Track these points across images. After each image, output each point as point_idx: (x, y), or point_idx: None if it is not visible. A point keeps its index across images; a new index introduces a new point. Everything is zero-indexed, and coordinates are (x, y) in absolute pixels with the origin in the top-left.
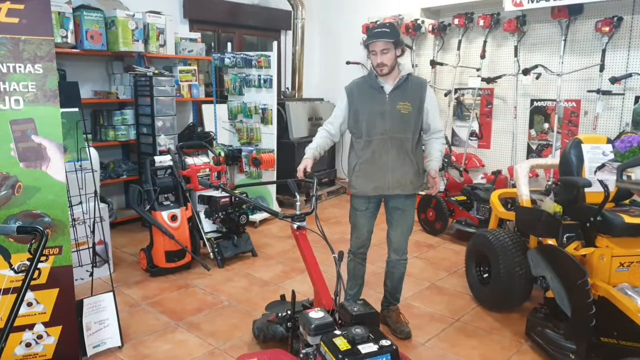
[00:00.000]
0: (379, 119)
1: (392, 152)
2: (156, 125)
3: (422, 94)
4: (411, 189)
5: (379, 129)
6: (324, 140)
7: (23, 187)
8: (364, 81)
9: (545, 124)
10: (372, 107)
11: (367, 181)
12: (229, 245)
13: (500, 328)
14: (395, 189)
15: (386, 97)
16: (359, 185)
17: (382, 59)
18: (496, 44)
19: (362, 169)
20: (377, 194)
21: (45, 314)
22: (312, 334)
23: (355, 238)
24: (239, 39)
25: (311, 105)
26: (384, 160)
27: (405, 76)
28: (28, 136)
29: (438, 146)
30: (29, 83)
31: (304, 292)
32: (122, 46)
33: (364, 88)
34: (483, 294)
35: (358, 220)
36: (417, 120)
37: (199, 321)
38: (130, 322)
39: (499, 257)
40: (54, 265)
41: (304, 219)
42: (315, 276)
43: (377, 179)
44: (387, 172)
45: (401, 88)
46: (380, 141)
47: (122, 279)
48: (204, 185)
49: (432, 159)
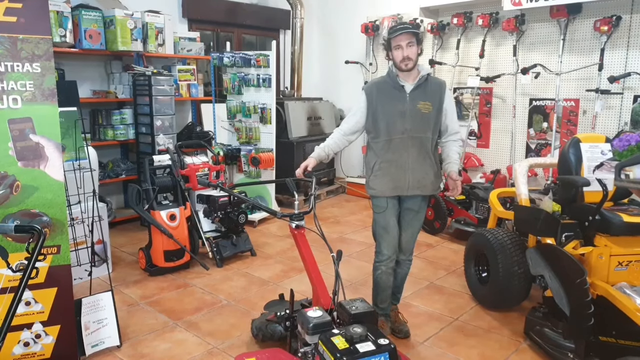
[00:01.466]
0: (399, 118)
1: (413, 152)
2: (155, 125)
3: (442, 94)
4: (430, 190)
5: (400, 128)
6: (334, 141)
7: (21, 186)
8: (383, 81)
9: (544, 123)
10: (392, 106)
11: (387, 180)
12: (228, 245)
13: (499, 327)
14: (415, 190)
15: (407, 96)
16: (378, 185)
17: (408, 52)
18: (495, 43)
19: (382, 167)
20: (397, 194)
21: (44, 313)
22: (310, 333)
23: (387, 243)
24: (237, 38)
25: (310, 105)
26: (404, 160)
27: (425, 76)
28: (26, 135)
29: (456, 148)
30: (26, 82)
31: (303, 291)
32: (121, 45)
33: (383, 88)
34: (482, 293)
35: (387, 221)
36: (436, 120)
37: (197, 320)
38: (128, 322)
39: (498, 256)
40: (52, 265)
41: (303, 218)
42: (313, 275)
43: (397, 178)
44: (407, 171)
45: (421, 88)
46: (400, 140)
47: (121, 279)
48: (203, 184)
49: (451, 161)
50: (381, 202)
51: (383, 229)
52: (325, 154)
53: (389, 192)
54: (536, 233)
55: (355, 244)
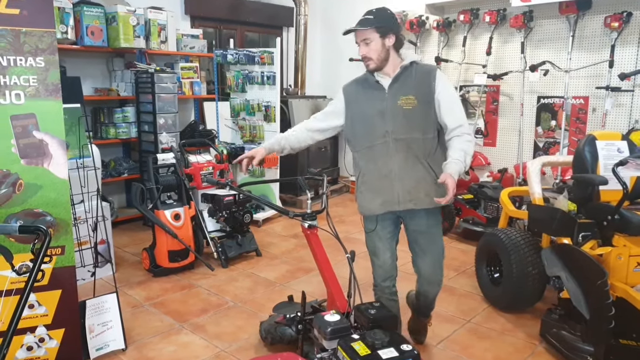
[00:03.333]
0: (378, 120)
1: (398, 157)
2: (158, 123)
3: (430, 83)
4: (428, 202)
5: (380, 131)
6: (295, 136)
7: (24, 184)
8: (363, 79)
9: (552, 122)
10: (369, 106)
11: (372, 196)
12: (233, 245)
13: (512, 329)
14: (407, 203)
15: (385, 93)
16: (364, 202)
17: (365, 52)
18: (502, 40)
19: (366, 181)
20: (387, 210)
21: (48, 316)
22: (328, 338)
23: (378, 267)
24: (240, 36)
25: (314, 103)
26: (389, 168)
27: (408, 65)
28: (29, 132)
29: (459, 144)
30: (30, 77)
31: (311, 292)
32: (123, 42)
33: (362, 86)
34: (494, 295)
35: (375, 244)
36: (425, 116)
37: (203, 322)
38: (133, 324)
39: (512, 257)
40: (56, 266)
41: (315, 218)
42: (328, 277)
43: (383, 192)
44: (393, 181)
45: (402, 79)
46: (382, 145)
47: (125, 279)
48: (211, 183)
49: (449, 160)
50: (370, 222)
51: (372, 253)
52: (279, 147)
53: (377, 209)
54: (552, 233)
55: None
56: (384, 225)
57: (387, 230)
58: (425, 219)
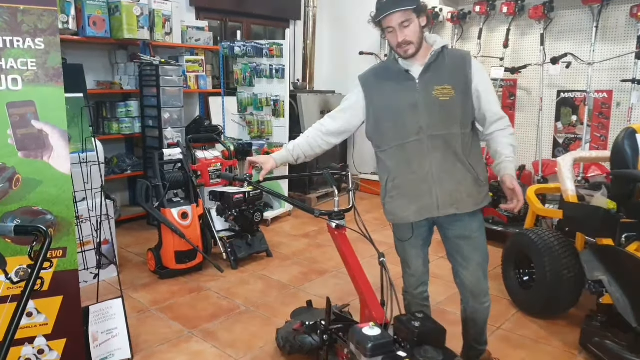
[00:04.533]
0: (409, 114)
1: (436, 156)
2: (163, 118)
3: (467, 70)
4: (471, 205)
5: (413, 127)
6: (308, 143)
7: (22, 179)
8: (383, 67)
9: (573, 117)
10: (398, 99)
11: (406, 202)
12: (243, 245)
13: (547, 337)
14: (448, 208)
15: (416, 83)
16: (396, 209)
17: (405, 36)
18: (520, 32)
19: (398, 185)
20: (424, 217)
21: (48, 325)
22: (369, 355)
23: (410, 276)
24: (246, 28)
25: (323, 98)
26: (425, 170)
27: (439, 50)
28: (28, 121)
29: (505, 139)
30: (28, 60)
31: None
32: (127, 33)
33: (384, 76)
34: (524, 299)
35: (406, 253)
36: (464, 107)
37: (215, 329)
38: (139, 330)
39: (545, 259)
40: (57, 270)
41: (344, 217)
42: (361, 283)
43: (420, 197)
44: (432, 185)
45: (435, 67)
46: (416, 144)
47: (129, 282)
48: (226, 178)
49: (502, 160)
50: (404, 231)
51: (403, 262)
52: (293, 158)
53: (413, 216)
54: (591, 233)
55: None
56: (417, 233)
57: (421, 238)
58: (468, 223)
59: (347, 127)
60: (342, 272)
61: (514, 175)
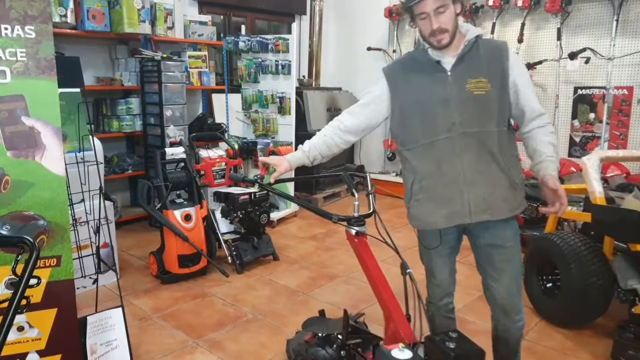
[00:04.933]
0: (440, 109)
1: (469, 156)
2: (165, 115)
3: (504, 62)
4: (507, 211)
5: (443, 124)
6: (325, 142)
7: (11, 181)
8: (410, 58)
9: (590, 114)
10: (427, 93)
11: (434, 207)
12: (249, 248)
13: (575, 349)
14: (481, 213)
15: (447, 76)
16: (423, 214)
17: (440, 22)
18: (535, 26)
19: (425, 187)
20: (454, 223)
21: (41, 340)
22: None
23: (435, 286)
24: (250, 23)
25: (329, 95)
26: (457, 170)
27: (473, 40)
28: (17, 117)
29: (545, 137)
30: (17, 50)
31: (338, 303)
32: (127, 27)
33: (412, 67)
34: (548, 307)
35: (432, 261)
36: (501, 103)
37: (221, 339)
38: (141, 340)
39: (571, 265)
40: (51, 280)
41: (364, 223)
42: (386, 297)
43: (449, 201)
44: (464, 188)
45: (468, 58)
46: (447, 142)
47: (130, 287)
48: (236, 179)
49: (542, 159)
50: (431, 238)
51: (428, 271)
52: (309, 160)
53: (441, 222)
54: (623, 238)
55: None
56: (445, 240)
57: (448, 246)
58: (501, 231)
59: (368, 123)
60: (352, 277)
61: (557, 175)
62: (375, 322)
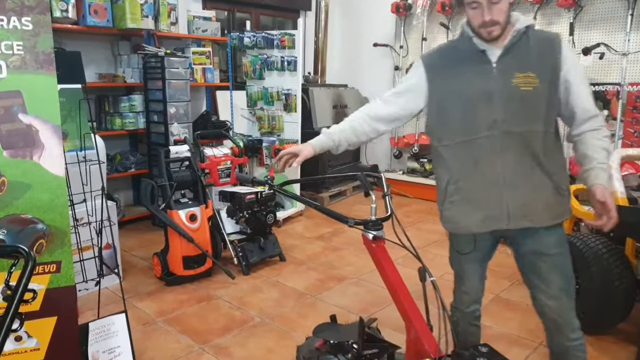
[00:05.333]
0: (482, 104)
1: (510, 157)
2: (168, 113)
3: (555, 56)
4: (549, 218)
5: (484, 120)
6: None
7: (7, 183)
8: (451, 47)
9: (604, 111)
10: (468, 85)
11: (470, 209)
12: (255, 249)
13: (596, 356)
14: (520, 219)
15: (492, 67)
16: (458, 216)
17: (493, 14)
18: (547, 21)
19: (461, 188)
20: (490, 228)
21: (39, 350)
22: None
23: (463, 293)
24: (255, 19)
25: (335, 92)
26: (496, 172)
27: (523, 30)
28: (14, 115)
29: (599, 142)
30: (14, 43)
31: (347, 306)
32: (130, 22)
33: (453, 57)
34: None
35: (462, 267)
36: (550, 101)
37: (227, 344)
38: (145, 345)
39: (592, 269)
40: (50, 287)
41: (382, 227)
42: (408, 308)
43: (487, 203)
44: (503, 191)
45: (517, 50)
46: (487, 141)
47: (133, 289)
48: (244, 180)
49: (592, 165)
50: (464, 242)
51: (457, 277)
52: (334, 143)
53: (476, 226)
54: None
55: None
56: (479, 245)
57: (482, 253)
58: (544, 237)
59: (401, 114)
60: (362, 279)
61: (607, 185)
62: (387, 327)
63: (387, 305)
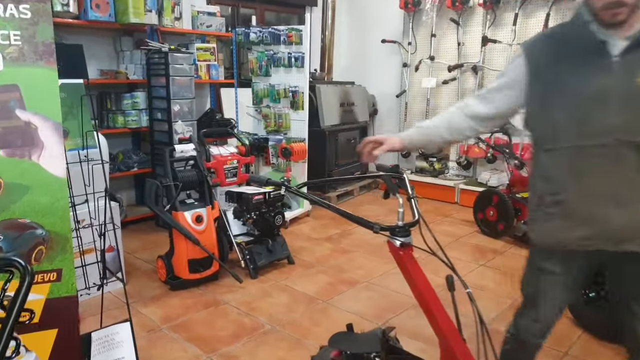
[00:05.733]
0: (596, 106)
1: (626, 172)
2: (172, 110)
3: None
4: None
5: (597, 126)
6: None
7: (4, 185)
8: (559, 34)
9: None
10: (581, 82)
11: (570, 225)
12: (263, 251)
13: None
14: (628, 243)
15: (612, 62)
16: (553, 229)
17: None
18: (561, 17)
19: (563, 201)
20: (590, 248)
21: None
22: None
23: (532, 320)
24: (260, 15)
25: (342, 89)
26: (607, 187)
27: None
28: (11, 111)
29: None
30: (10, 32)
31: (360, 312)
32: (133, 17)
33: (562, 46)
34: (591, 320)
35: (540, 290)
36: None
37: (236, 353)
38: (150, 354)
39: None
40: (50, 297)
41: (409, 233)
42: (441, 321)
43: (591, 222)
44: (611, 207)
45: None
46: (599, 150)
47: (137, 293)
48: (258, 181)
49: None
50: (552, 260)
51: (528, 300)
52: (425, 139)
53: (575, 242)
54: None
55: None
56: (570, 267)
57: (572, 278)
58: None
59: (497, 113)
60: (374, 282)
61: None
62: (404, 335)
63: (403, 311)
